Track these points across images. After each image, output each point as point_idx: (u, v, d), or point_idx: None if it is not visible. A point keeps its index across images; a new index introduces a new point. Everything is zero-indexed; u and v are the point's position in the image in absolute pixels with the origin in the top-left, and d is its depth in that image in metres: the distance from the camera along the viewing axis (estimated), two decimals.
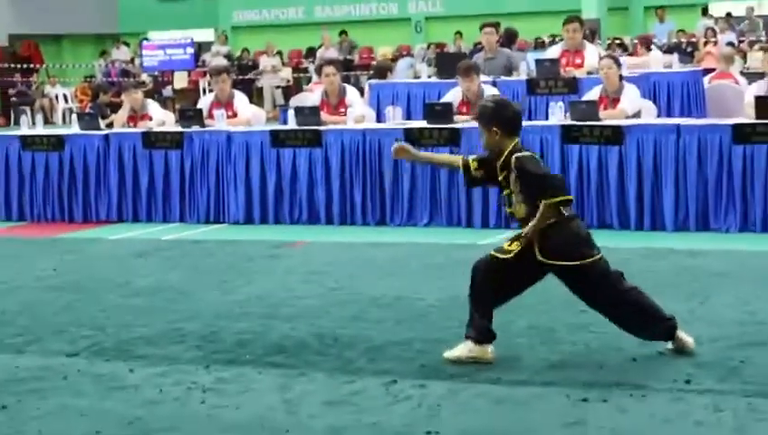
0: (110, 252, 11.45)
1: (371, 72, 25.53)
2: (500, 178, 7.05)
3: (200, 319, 8.28)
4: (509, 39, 17.91)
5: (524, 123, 12.48)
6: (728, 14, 29.09)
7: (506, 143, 6.98)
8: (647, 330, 6.93)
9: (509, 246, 6.94)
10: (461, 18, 32.16)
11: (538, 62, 15.39)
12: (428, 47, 31.56)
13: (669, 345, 6.97)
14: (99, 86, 22.78)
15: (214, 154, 13.31)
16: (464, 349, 6.95)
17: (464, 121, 12.54)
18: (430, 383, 6.51)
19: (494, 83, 14.25)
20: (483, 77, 13.62)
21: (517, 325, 7.74)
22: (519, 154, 6.91)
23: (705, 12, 29.80)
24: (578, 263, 6.86)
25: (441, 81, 15.55)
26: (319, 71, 16.28)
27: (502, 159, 6.99)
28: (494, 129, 6.98)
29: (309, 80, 26.48)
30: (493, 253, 7.02)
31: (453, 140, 12.27)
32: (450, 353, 6.97)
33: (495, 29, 16.02)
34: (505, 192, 7.08)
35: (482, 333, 6.95)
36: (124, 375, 6.94)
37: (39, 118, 15.68)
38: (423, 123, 12.81)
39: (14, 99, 33.59)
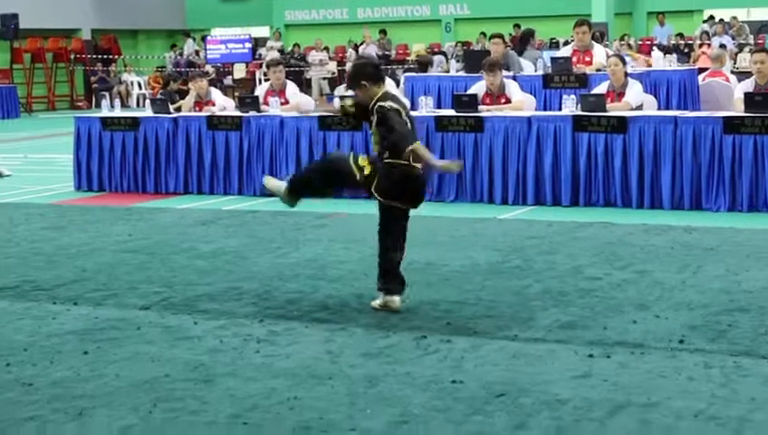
0: (178, 220, 11.48)
1: (409, 65, 25.42)
2: (371, 119, 7.23)
3: (255, 279, 8.29)
4: (525, 37, 17.78)
5: (541, 113, 12.58)
6: (721, 20, 28.93)
7: (375, 91, 7.18)
8: (383, 278, 7.28)
9: (366, 169, 7.18)
10: (486, 20, 32.08)
11: (553, 59, 15.32)
12: (456, 45, 31.44)
13: (378, 300, 7.26)
14: (169, 75, 22.76)
15: (268, 136, 13.31)
16: (278, 185, 7.61)
17: (487, 111, 12.49)
18: (455, 339, 6.49)
19: (514, 78, 14.17)
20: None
21: (533, 289, 7.73)
22: (382, 103, 7.11)
23: (708, 19, 29.63)
24: (383, 200, 7.23)
25: (468, 75, 15.49)
26: None
27: (371, 105, 7.17)
28: (363, 83, 7.19)
29: None
30: (353, 159, 7.32)
31: (477, 126, 12.22)
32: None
33: (502, 39, 15.90)
34: (371, 131, 7.29)
35: (300, 192, 7.51)
36: (189, 327, 6.96)
37: (117, 102, 15.71)
38: (451, 112, 12.76)
39: (95, 85, 33.74)
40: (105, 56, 35.20)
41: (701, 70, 16.32)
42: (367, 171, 7.19)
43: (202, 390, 5.63)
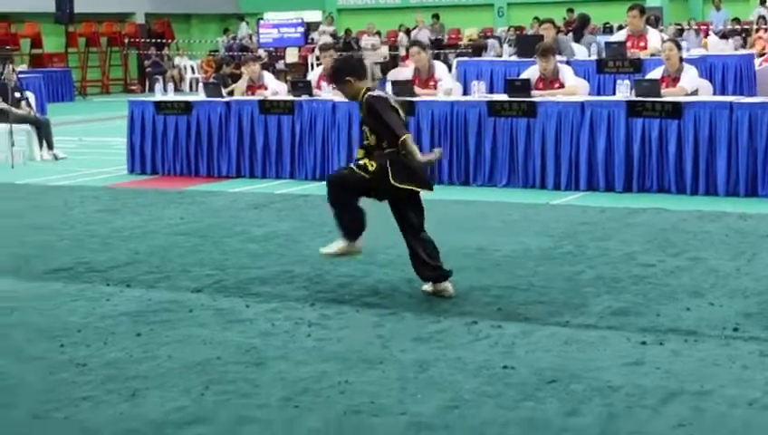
0: (230, 203, 11.52)
1: (461, 50, 25.34)
2: (362, 115, 7.27)
3: (307, 263, 8.31)
4: (582, 24, 17.66)
5: (594, 98, 12.49)
6: None
7: (360, 86, 7.20)
8: (425, 266, 7.20)
9: (370, 166, 7.13)
10: (539, 4, 31.87)
11: (607, 44, 15.22)
12: (509, 30, 31.30)
13: (428, 287, 7.22)
14: (221, 59, 22.86)
15: (320, 120, 13.33)
16: (336, 245, 7.33)
17: (540, 96, 12.42)
18: (506, 324, 6.47)
19: (567, 62, 14.08)
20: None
21: (585, 275, 7.68)
22: (371, 93, 7.16)
23: (763, 1, 29.17)
24: (419, 189, 7.23)
25: (520, 60, 15.42)
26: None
27: (361, 99, 7.19)
28: (348, 78, 7.20)
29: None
30: (352, 166, 7.28)
31: (530, 111, 12.16)
32: (326, 250, 7.37)
33: (552, 24, 15.81)
34: (363, 127, 7.30)
35: (351, 229, 7.29)
36: (241, 310, 6.99)
37: (170, 86, 15.77)
38: (504, 97, 12.70)
39: (149, 69, 33.95)
40: (159, 40, 35.40)
41: (758, 55, 16.12)
42: (371, 168, 7.14)
43: (253, 373, 5.66)
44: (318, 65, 16.45)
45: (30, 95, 17.58)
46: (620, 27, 22.81)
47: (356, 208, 7.33)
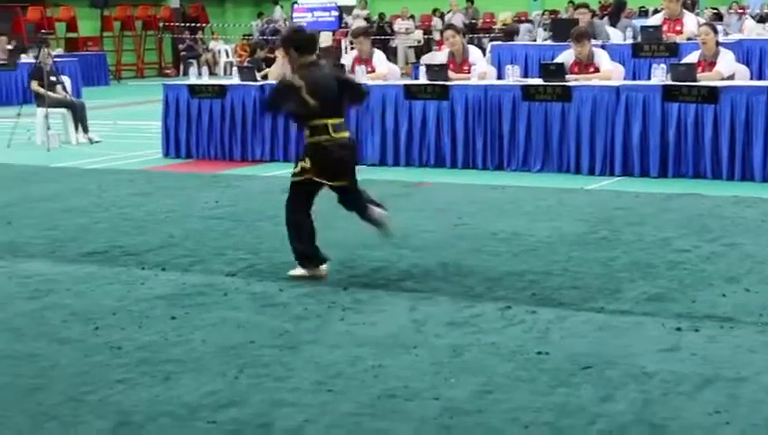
0: (264, 187, 11.54)
1: (495, 34, 25.19)
2: None
3: (341, 247, 8.30)
4: (618, 8, 17.56)
5: (630, 82, 12.40)
6: None
7: (301, 61, 7.28)
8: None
9: (295, 168, 7.33)
10: None
11: (642, 28, 15.15)
12: (544, 14, 31.14)
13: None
14: (256, 43, 22.86)
15: None
16: (299, 271, 7.38)
17: (575, 80, 12.35)
18: (540, 310, 6.45)
19: (602, 46, 14.00)
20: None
21: (620, 261, 7.64)
22: (286, 77, 7.33)
23: None
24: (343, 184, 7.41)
25: (555, 44, 15.36)
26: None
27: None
28: (290, 49, 7.33)
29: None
30: (291, 180, 7.44)
31: (564, 96, 12.09)
32: (292, 272, 7.39)
33: (588, 9, 15.74)
34: None
35: (307, 257, 7.34)
36: (275, 293, 7.00)
37: (204, 70, 15.85)
38: (538, 81, 12.64)
39: (183, 53, 34.04)
40: (193, 24, 35.47)
41: None
42: (306, 165, 7.30)
43: (287, 356, 5.66)
44: (352, 49, 16.41)
45: (65, 79, 17.66)
46: (656, 11, 22.64)
47: (306, 233, 7.41)
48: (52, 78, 16.60)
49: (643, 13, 27.72)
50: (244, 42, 34.03)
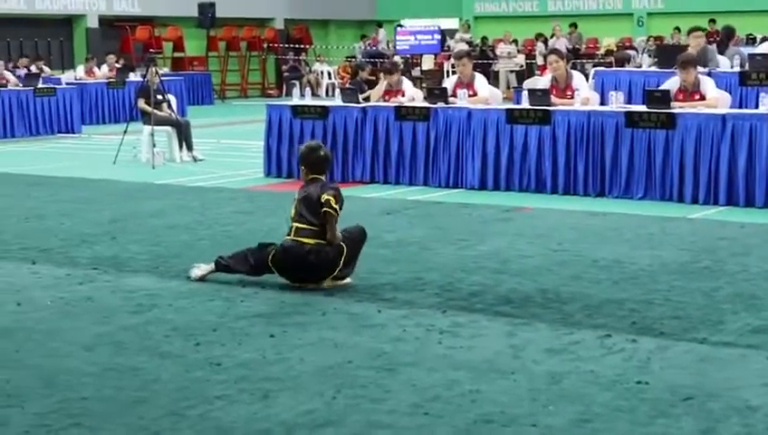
0: (363, 209, 11.57)
1: (599, 59, 25.02)
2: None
3: (439, 270, 8.31)
4: (727, 35, 17.31)
5: (736, 111, 12.21)
6: None
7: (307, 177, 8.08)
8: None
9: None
10: (680, 14, 31.36)
11: (750, 56, 14.91)
12: (648, 40, 30.85)
13: None
14: (357, 65, 23.01)
15: (455, 127, 13.31)
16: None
17: (679, 108, 12.20)
18: (641, 339, 6.37)
19: (709, 74, 13.82)
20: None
21: (723, 292, 7.51)
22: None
23: None
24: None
25: (660, 70, 15.20)
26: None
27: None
28: (301, 167, 8.14)
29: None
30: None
31: (669, 123, 11.95)
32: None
33: (702, 32, 15.56)
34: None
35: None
36: (373, 315, 7.02)
37: (307, 91, 15.97)
38: (642, 108, 12.51)
39: (286, 74, 34.38)
40: (297, 45, 35.85)
41: None
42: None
43: (384, 378, 5.67)
44: (453, 73, 16.43)
45: (172, 98, 17.97)
46: (765, 39, 22.31)
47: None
48: (159, 96, 16.89)
49: (751, 40, 27.29)
50: (346, 63, 34.28)
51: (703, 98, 12.44)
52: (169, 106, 17.25)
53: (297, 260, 7.75)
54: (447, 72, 29.88)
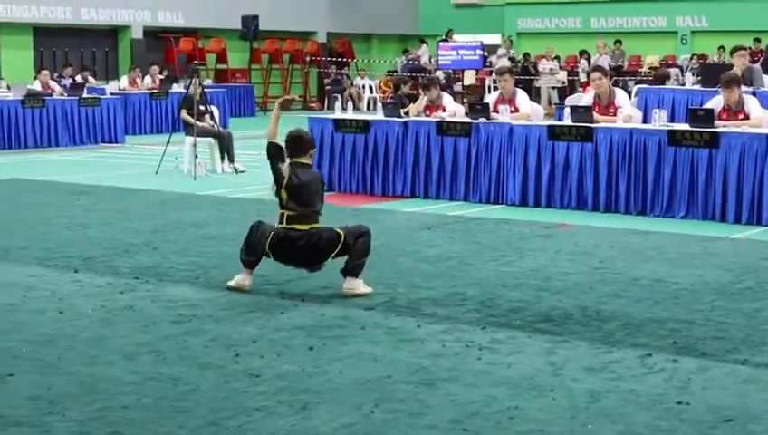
0: (404, 223, 11.59)
1: (641, 77, 24.92)
2: None
3: (479, 286, 8.29)
4: None
5: None
6: None
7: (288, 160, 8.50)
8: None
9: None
10: (724, 33, 31.17)
11: None
12: (692, 58, 30.69)
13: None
14: (399, 79, 23.03)
15: (497, 143, 13.30)
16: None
17: (723, 126, 12.12)
18: (682, 359, 6.32)
19: (753, 93, 13.72)
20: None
21: (766, 313, 7.45)
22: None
23: None
24: None
25: (704, 89, 15.11)
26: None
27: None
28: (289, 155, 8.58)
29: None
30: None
31: (712, 142, 11.87)
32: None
33: (747, 51, 15.47)
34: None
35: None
36: (412, 329, 7.01)
37: (349, 104, 16.01)
38: (685, 126, 12.44)
39: (328, 87, 34.50)
40: (339, 59, 35.95)
41: None
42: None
43: (423, 393, 5.66)
44: (495, 89, 16.42)
45: (214, 109, 18.07)
46: None
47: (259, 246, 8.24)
48: (202, 108, 16.99)
49: None
50: (387, 77, 34.33)
51: (747, 117, 12.36)
52: (212, 117, 17.33)
53: (293, 246, 8.04)
54: (489, 87, 29.86)
